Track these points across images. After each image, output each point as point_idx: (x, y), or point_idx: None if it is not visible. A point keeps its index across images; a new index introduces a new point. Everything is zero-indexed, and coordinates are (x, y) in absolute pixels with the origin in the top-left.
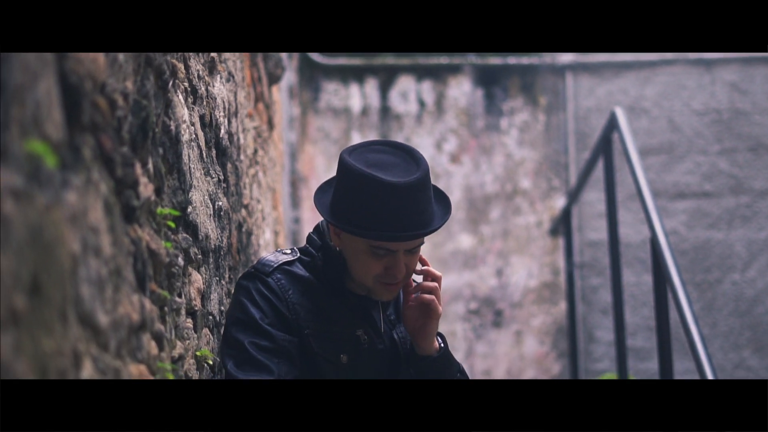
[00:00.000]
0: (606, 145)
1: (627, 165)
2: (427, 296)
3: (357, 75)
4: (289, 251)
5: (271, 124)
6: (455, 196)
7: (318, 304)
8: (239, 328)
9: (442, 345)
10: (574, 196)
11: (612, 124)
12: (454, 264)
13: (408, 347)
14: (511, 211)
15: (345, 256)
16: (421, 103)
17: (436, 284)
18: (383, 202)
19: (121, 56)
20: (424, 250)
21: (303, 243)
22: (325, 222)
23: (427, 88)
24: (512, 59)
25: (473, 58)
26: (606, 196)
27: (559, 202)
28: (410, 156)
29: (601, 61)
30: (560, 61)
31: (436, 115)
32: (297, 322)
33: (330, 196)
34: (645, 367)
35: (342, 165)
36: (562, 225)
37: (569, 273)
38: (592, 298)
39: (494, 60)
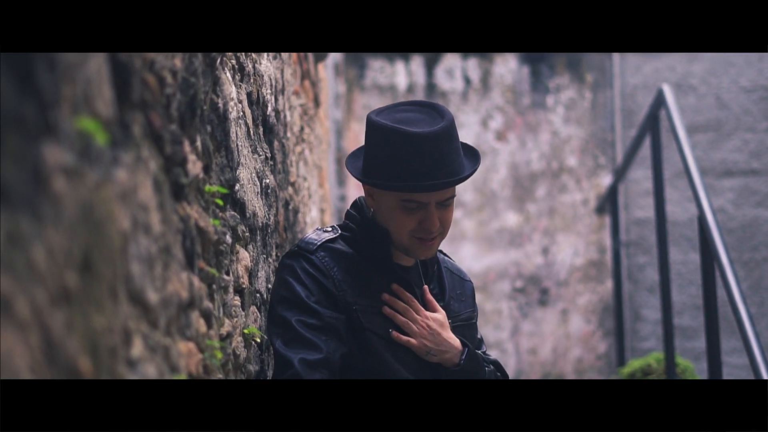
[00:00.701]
0: (653, 123)
1: (674, 142)
2: (403, 338)
3: (403, 52)
4: (330, 228)
5: (317, 102)
6: (501, 174)
7: (363, 279)
8: (285, 306)
9: (464, 359)
10: (620, 173)
11: (659, 102)
12: (500, 242)
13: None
14: (557, 189)
15: (380, 216)
16: (467, 81)
17: (406, 320)
18: (409, 153)
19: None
20: (471, 229)
21: (331, 225)
22: (362, 197)
23: (473, 66)
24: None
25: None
26: (653, 174)
27: (606, 180)
28: (434, 110)
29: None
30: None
31: (482, 92)
32: (344, 298)
33: (361, 160)
34: (692, 346)
35: (369, 124)
36: (609, 203)
37: (615, 251)
38: (639, 276)
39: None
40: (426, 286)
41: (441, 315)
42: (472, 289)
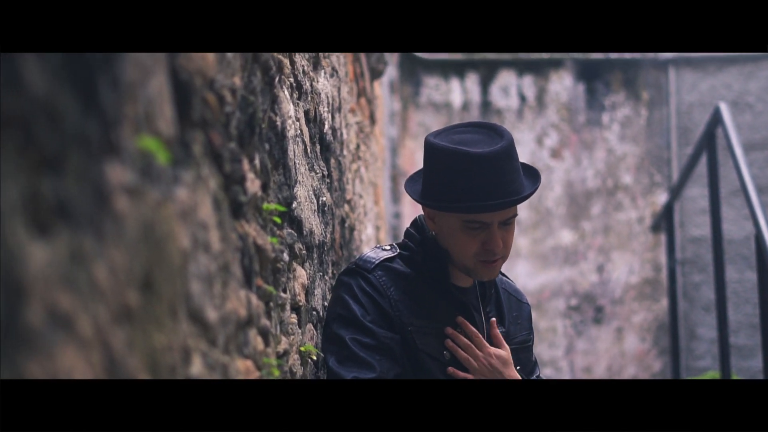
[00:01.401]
0: (709, 141)
1: (731, 160)
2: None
3: (458, 70)
4: (388, 247)
5: (372, 119)
6: (556, 192)
7: (419, 300)
8: (341, 324)
9: None
10: (676, 191)
11: (716, 119)
12: (555, 260)
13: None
14: (613, 206)
15: (442, 239)
16: (522, 98)
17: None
18: (470, 174)
19: (229, 53)
20: (526, 247)
21: (390, 243)
22: (422, 216)
23: (528, 83)
24: (614, 54)
25: (574, 53)
26: (709, 192)
27: (661, 197)
28: (493, 130)
29: (704, 56)
30: (663, 55)
31: (537, 110)
32: (399, 318)
33: (420, 183)
34: (748, 365)
35: (428, 147)
36: (664, 221)
37: (671, 269)
38: (694, 295)
39: (596, 54)
40: (493, 320)
41: (505, 352)
42: (529, 312)
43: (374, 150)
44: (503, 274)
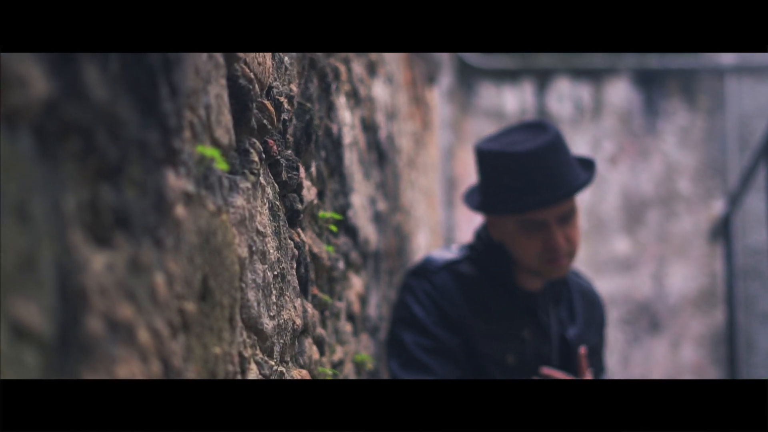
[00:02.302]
0: (767, 148)
1: None
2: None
3: (512, 77)
4: (455, 249)
5: (427, 127)
6: (611, 200)
7: (484, 303)
8: (404, 326)
9: None
10: (734, 200)
11: None
12: (610, 269)
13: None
14: (669, 215)
15: (508, 244)
16: (578, 106)
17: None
18: (517, 173)
19: (286, 59)
20: (580, 255)
21: (457, 245)
22: (484, 224)
23: (584, 90)
24: (671, 61)
25: (631, 60)
26: (767, 201)
27: (719, 206)
28: (539, 127)
29: (763, 64)
30: (721, 63)
31: (593, 117)
32: (463, 321)
33: (477, 194)
34: None
35: (477, 154)
36: (722, 230)
37: (728, 279)
38: (752, 305)
39: (652, 61)
40: (583, 350)
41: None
42: (602, 316)
43: (428, 157)
44: (578, 275)
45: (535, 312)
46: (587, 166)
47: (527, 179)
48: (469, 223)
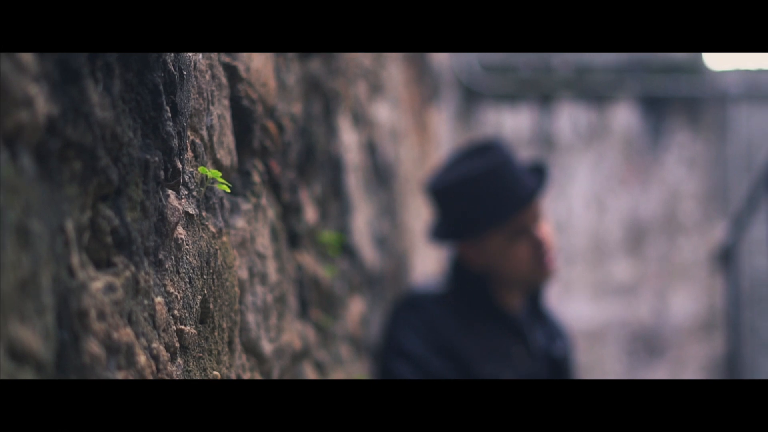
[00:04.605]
0: None
1: None
2: None
3: (513, 101)
4: (438, 280)
5: (428, 149)
6: (613, 224)
7: (473, 329)
8: (396, 359)
9: None
10: (737, 227)
11: None
12: (611, 293)
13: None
14: (671, 240)
15: (497, 266)
16: (580, 130)
17: None
18: (489, 188)
19: (290, 80)
20: (581, 279)
21: (435, 277)
22: (456, 254)
23: (587, 114)
24: (675, 87)
25: (635, 85)
26: None
27: (722, 232)
28: (480, 148)
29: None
30: (725, 90)
31: (596, 141)
32: (456, 349)
33: (446, 231)
34: None
35: (435, 192)
36: (724, 257)
37: (730, 306)
38: (754, 332)
39: (657, 87)
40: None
41: None
42: (569, 348)
43: None
44: (548, 308)
45: (521, 332)
46: (537, 167)
47: (496, 190)
48: None
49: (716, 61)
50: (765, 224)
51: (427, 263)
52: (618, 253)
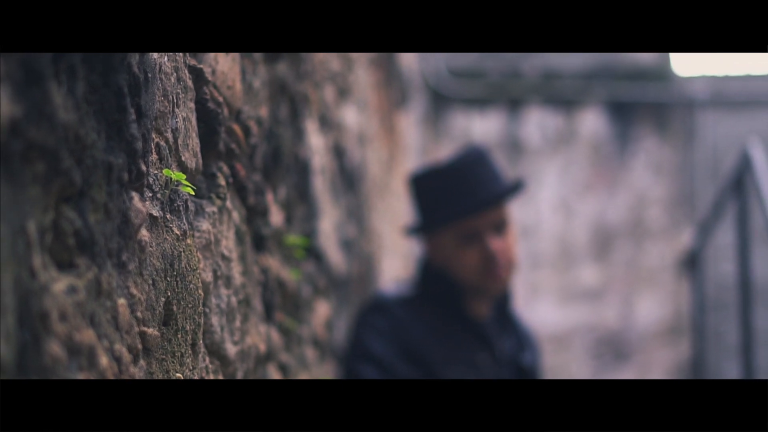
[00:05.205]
0: (737, 183)
1: (758, 204)
2: None
3: (482, 105)
4: (406, 283)
5: (396, 153)
6: (580, 229)
7: (439, 332)
8: (361, 362)
9: None
10: (703, 233)
11: (745, 161)
12: (578, 298)
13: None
14: (638, 246)
15: (448, 266)
16: (548, 135)
17: None
18: (447, 185)
19: (256, 83)
20: (548, 284)
21: (403, 280)
22: (423, 252)
23: (554, 120)
24: (642, 93)
25: (602, 91)
26: (737, 234)
27: (688, 238)
28: (465, 149)
29: (734, 97)
30: (692, 96)
31: (564, 146)
32: (421, 353)
33: (412, 226)
34: None
35: (410, 183)
36: (690, 262)
37: (696, 311)
38: (719, 336)
39: (624, 92)
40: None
41: None
42: (537, 358)
43: (397, 183)
44: (519, 317)
45: (487, 338)
46: (517, 182)
47: (457, 189)
48: None
49: (683, 67)
50: (731, 230)
51: (395, 267)
52: (585, 258)
